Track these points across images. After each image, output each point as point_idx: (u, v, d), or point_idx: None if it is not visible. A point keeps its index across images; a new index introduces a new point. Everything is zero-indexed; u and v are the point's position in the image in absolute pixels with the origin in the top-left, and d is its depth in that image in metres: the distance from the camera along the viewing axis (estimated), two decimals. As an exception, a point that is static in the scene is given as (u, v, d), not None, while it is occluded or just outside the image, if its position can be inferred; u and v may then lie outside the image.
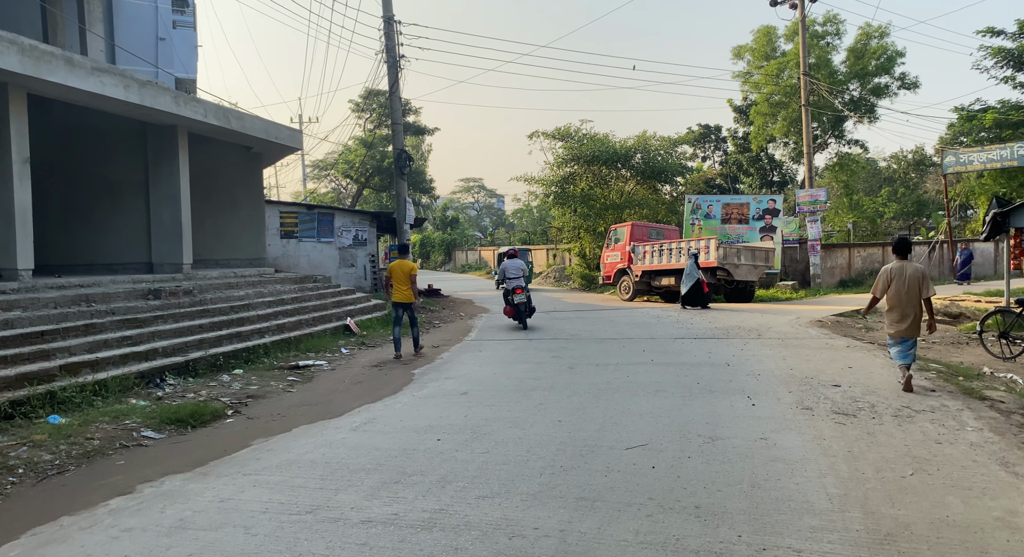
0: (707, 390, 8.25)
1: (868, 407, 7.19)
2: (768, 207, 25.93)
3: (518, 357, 11.18)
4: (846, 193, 43.65)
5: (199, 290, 11.57)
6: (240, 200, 16.19)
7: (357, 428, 6.76)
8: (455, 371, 9.98)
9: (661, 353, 11.32)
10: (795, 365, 9.93)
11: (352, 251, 22.04)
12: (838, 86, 38.03)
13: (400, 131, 21.64)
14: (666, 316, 17.51)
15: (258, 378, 9.36)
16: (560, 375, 9.42)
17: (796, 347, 11.79)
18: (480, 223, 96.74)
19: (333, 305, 14.39)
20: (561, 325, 15.80)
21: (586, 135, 30.14)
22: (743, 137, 47.67)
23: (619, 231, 24.66)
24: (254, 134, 13.82)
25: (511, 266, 15.67)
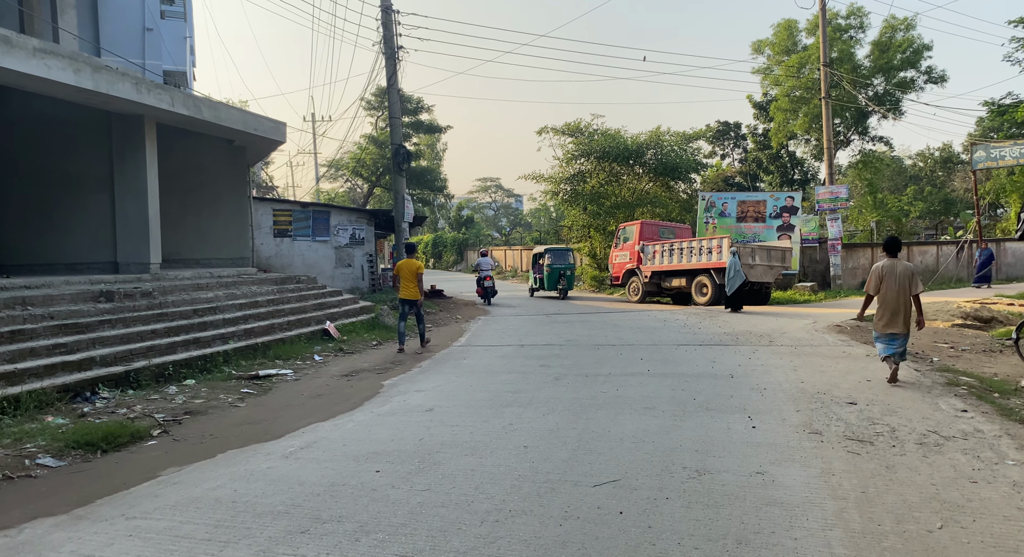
0: (703, 407, 7.26)
1: (888, 432, 6.17)
2: (786, 204, 24.76)
3: (503, 366, 10.24)
4: (870, 191, 42.26)
5: (161, 292, 10.75)
6: (223, 197, 15.40)
7: (291, 454, 5.86)
8: (429, 382, 9.07)
9: (660, 362, 10.33)
10: (807, 377, 8.90)
11: (349, 250, 21.21)
12: (862, 81, 36.74)
13: (398, 125, 20.79)
14: (673, 320, 16.48)
15: (208, 390, 8.50)
16: (543, 388, 8.47)
17: (809, 356, 10.74)
18: (497, 223, 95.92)
19: (314, 308, 13.53)
20: (559, 329, 14.83)
21: (597, 130, 29.12)
22: (763, 134, 46.41)
23: (628, 230, 23.63)
24: (231, 125, 12.99)
25: (483, 262, 23.21)
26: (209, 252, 15.33)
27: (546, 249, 24.07)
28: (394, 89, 20.75)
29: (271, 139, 14.44)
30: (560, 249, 24.67)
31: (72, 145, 12.76)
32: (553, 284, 23.47)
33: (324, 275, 20.87)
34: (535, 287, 24.74)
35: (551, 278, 23.44)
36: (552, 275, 23.39)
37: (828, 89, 26.05)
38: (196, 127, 13.02)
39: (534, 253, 25.28)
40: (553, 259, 23.76)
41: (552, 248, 24.35)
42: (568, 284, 23.64)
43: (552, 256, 23.80)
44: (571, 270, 24.10)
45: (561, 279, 23.39)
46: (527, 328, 15.32)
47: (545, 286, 23.76)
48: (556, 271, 23.42)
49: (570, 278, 23.81)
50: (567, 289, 23.54)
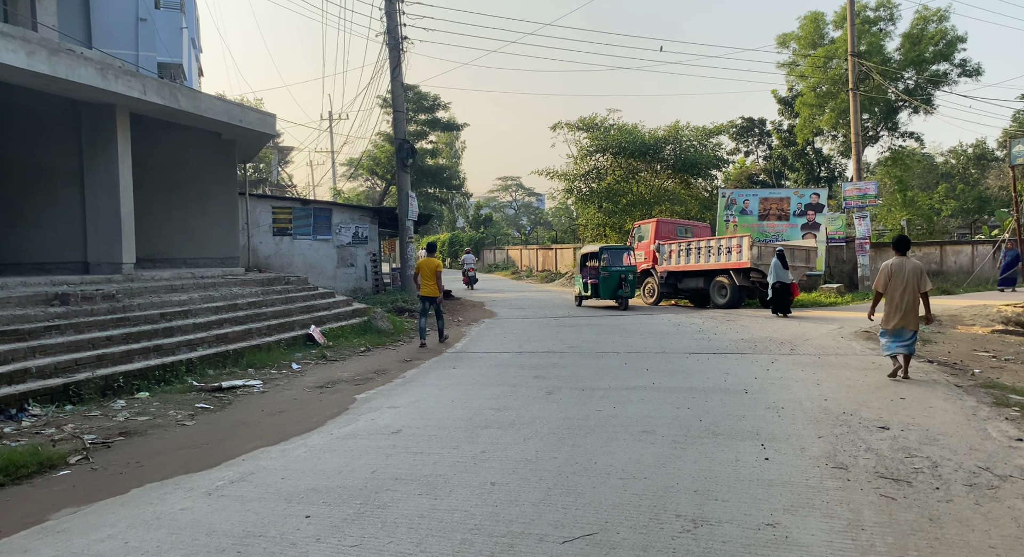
0: (710, 432, 6.28)
1: (928, 468, 5.15)
2: (811, 202, 23.56)
3: (493, 377, 9.31)
4: (899, 189, 40.73)
5: (127, 294, 9.97)
6: (211, 193, 14.63)
7: (216, 490, 4.98)
8: (406, 396, 8.16)
9: (667, 374, 9.34)
10: (831, 393, 7.87)
11: (351, 250, 20.41)
12: (893, 73, 35.35)
13: (402, 119, 19.97)
14: (688, 323, 15.44)
15: (160, 405, 7.67)
16: (531, 405, 7.53)
17: (835, 367, 9.68)
18: (518, 222, 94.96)
19: (300, 311, 12.70)
20: (564, 334, 13.87)
21: (613, 125, 28.09)
22: (788, 130, 45.04)
23: (643, 228, 22.60)
24: (213, 116, 12.20)
25: (467, 259, 26.38)
26: (196, 251, 14.57)
27: (602, 248, 19.88)
28: (398, 81, 19.91)
29: (260, 132, 13.64)
30: (619, 248, 20.47)
31: (40, 137, 12.03)
32: (611, 291, 19.39)
33: (326, 275, 20.10)
34: (584, 294, 20.44)
35: (609, 284, 19.32)
36: (610, 280, 19.28)
37: (856, 80, 24.78)
38: (176, 118, 12.25)
39: (583, 253, 20.89)
40: (611, 260, 19.65)
41: (610, 247, 20.18)
42: (630, 291, 19.64)
43: (610, 256, 19.72)
44: (633, 274, 19.82)
45: (622, 285, 19.31)
46: (530, 332, 14.38)
47: (600, 293, 19.61)
48: (616, 275, 19.27)
49: (632, 283, 19.72)
50: (628, 297, 19.63)
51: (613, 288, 19.31)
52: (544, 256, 40.57)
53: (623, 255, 19.91)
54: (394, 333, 13.78)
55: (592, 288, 19.88)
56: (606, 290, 19.38)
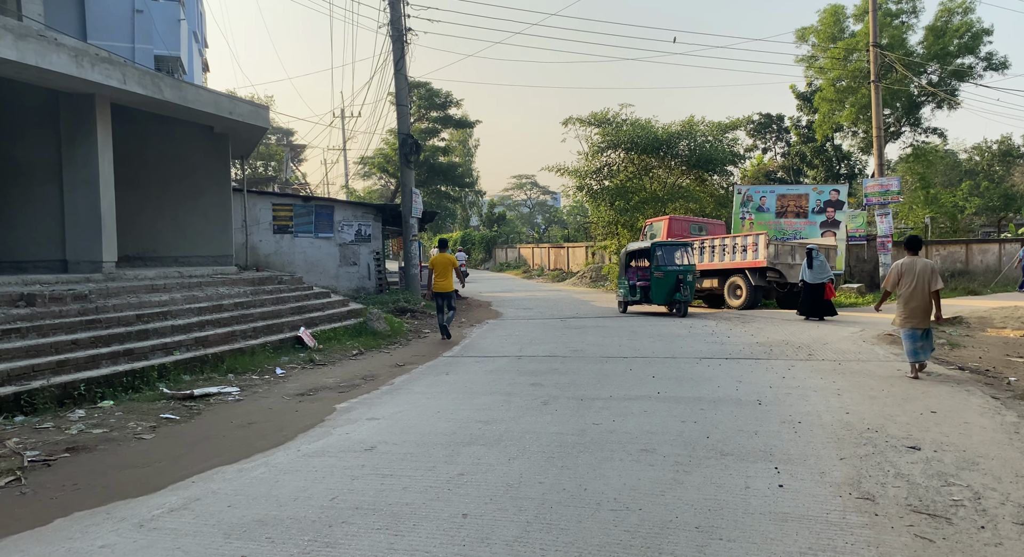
0: (717, 451, 5.61)
1: (970, 500, 4.45)
2: (830, 199, 22.71)
3: (487, 385, 8.67)
4: (922, 186, 39.65)
5: (103, 294, 9.42)
6: (204, 188, 14.10)
7: (150, 521, 4.38)
8: (390, 406, 7.54)
9: (674, 381, 8.66)
10: (853, 406, 7.17)
11: (354, 248, 19.84)
12: (916, 67, 34.36)
13: (406, 113, 19.36)
14: (701, 325, 14.73)
15: (123, 414, 7.10)
16: (523, 417, 6.89)
17: (856, 375, 8.96)
18: (533, 220, 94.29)
19: (291, 312, 12.12)
20: (568, 337, 13.21)
21: (626, 120, 27.33)
22: (807, 126, 44.06)
23: (655, 226, 21.87)
24: (200, 108, 11.64)
25: (459, 256, 22.89)
26: (188, 249, 14.05)
27: (654, 244, 17.17)
28: (402, 74, 19.31)
29: (252, 125, 13.08)
30: (674, 244, 17.74)
31: (17, 129, 11.53)
32: (665, 295, 16.70)
33: (328, 274, 19.56)
34: (629, 299, 17.92)
35: (663, 286, 16.63)
36: (665, 282, 16.60)
37: (878, 72, 23.87)
38: (162, 110, 11.72)
39: (627, 251, 18.32)
40: (665, 258, 17.00)
41: (664, 243, 17.59)
42: (689, 294, 16.84)
43: (664, 254, 17.07)
44: (692, 274, 16.93)
45: (680, 287, 16.48)
46: (534, 335, 13.74)
47: (652, 297, 17.03)
48: (672, 276, 16.56)
49: (691, 286, 16.87)
50: (687, 301, 16.77)
51: (668, 291, 16.65)
52: (556, 255, 39.89)
53: (680, 252, 17.47)
54: (391, 335, 13.18)
55: (641, 292, 17.40)
56: (659, 294, 16.77)
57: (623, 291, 18.14)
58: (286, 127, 56.31)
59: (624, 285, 18.10)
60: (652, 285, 16.87)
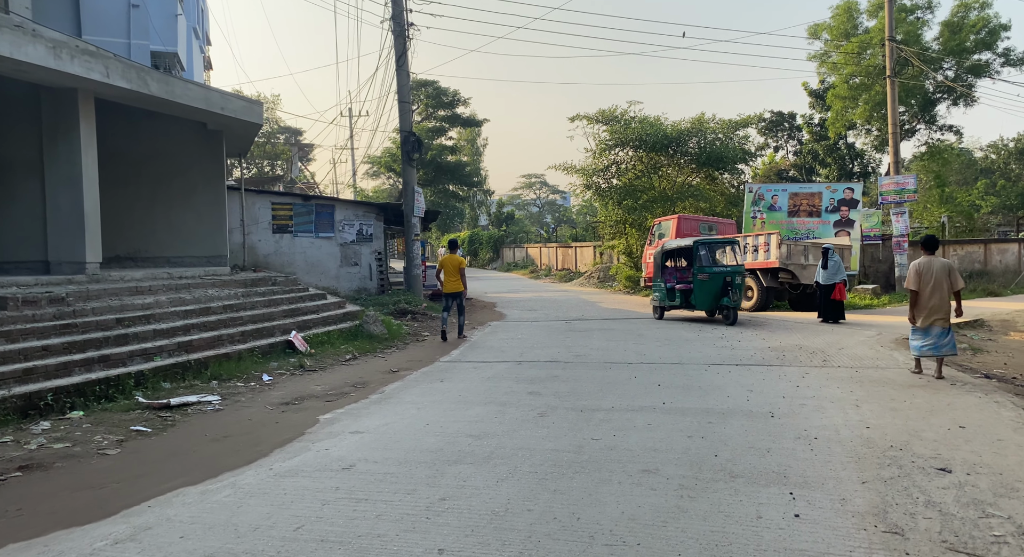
0: (727, 472, 5.12)
1: (1014, 535, 3.94)
2: (844, 197, 22.11)
3: (482, 393, 8.19)
4: (937, 185, 38.90)
5: (82, 297, 9.00)
6: (197, 187, 13.70)
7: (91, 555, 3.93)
8: (376, 418, 7.07)
9: (682, 390, 8.15)
10: (873, 419, 6.65)
11: (355, 248, 19.41)
12: (931, 63, 33.69)
13: (408, 110, 18.92)
14: (710, 329, 14.20)
15: (91, 427, 6.67)
16: (518, 431, 6.41)
17: (876, 383, 8.42)
18: (542, 220, 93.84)
19: (284, 314, 11.67)
20: (573, 341, 12.71)
21: (634, 117, 26.80)
22: (819, 124, 43.38)
23: (663, 225, 21.34)
24: (188, 103, 11.21)
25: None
26: (181, 249, 13.65)
27: (697, 242, 14.98)
28: (404, 71, 18.88)
29: (246, 121, 12.65)
30: (720, 241, 15.80)
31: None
32: (710, 300, 14.73)
33: (328, 275, 19.14)
34: (667, 304, 15.93)
35: (707, 290, 14.62)
36: (710, 285, 14.58)
37: (894, 67, 23.24)
38: (149, 105, 11.30)
39: (662, 250, 16.37)
40: (710, 258, 15.01)
41: (707, 241, 15.39)
42: (738, 298, 14.71)
43: (708, 253, 15.04)
44: (741, 276, 14.88)
45: (728, 291, 14.46)
46: (536, 338, 13.25)
47: (694, 302, 15.03)
48: (718, 279, 14.56)
49: (740, 289, 14.84)
50: (736, 306, 14.68)
51: (714, 296, 14.62)
52: (563, 255, 39.38)
53: (726, 250, 15.65)
54: (388, 338, 12.73)
55: (681, 296, 15.44)
56: (703, 298, 14.77)
57: (659, 295, 16.24)
58: (295, 127, 56.06)
59: (660, 288, 16.18)
60: (695, 288, 14.83)
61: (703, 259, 14.77)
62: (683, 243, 15.92)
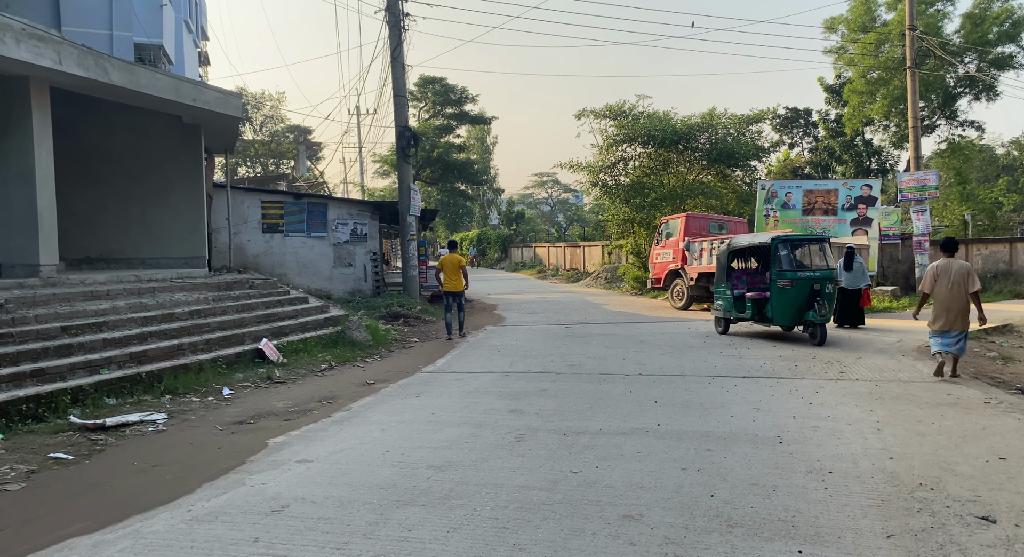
0: (723, 518, 4.28)
1: (1082, 621, 3.08)
2: (862, 194, 21.11)
3: (458, 411, 7.38)
4: (958, 182, 37.72)
5: (27, 303, 8.28)
6: (174, 184, 12.98)
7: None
8: (332, 442, 6.28)
9: (680, 408, 7.31)
10: (897, 447, 5.78)
11: (349, 248, 18.66)
12: (953, 56, 32.59)
13: (404, 104, 18.12)
14: (716, 336, 13.32)
15: (4, 454, 5.91)
16: (487, 460, 5.61)
17: (898, 400, 7.54)
18: (554, 219, 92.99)
19: (257, 320, 10.91)
20: (570, 348, 11.89)
21: (643, 112, 25.87)
22: (836, 120, 42.29)
23: (671, 224, 20.42)
24: (156, 93, 10.47)
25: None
26: (156, 250, 12.94)
27: (775, 239, 12.14)
28: (399, 63, 18.08)
29: (222, 114, 11.90)
30: (805, 239, 13.08)
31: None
32: (792, 313, 11.89)
33: (321, 276, 18.41)
34: (732, 315, 12.98)
35: (789, 301, 11.78)
36: (794, 295, 11.73)
37: (915, 57, 22.18)
38: (112, 95, 10.58)
39: (728, 248, 13.41)
40: (791, 259, 12.03)
41: (788, 237, 12.43)
42: (827, 311, 11.68)
43: (790, 253, 12.09)
44: (832, 283, 12.10)
45: (815, 303, 11.59)
46: (531, 344, 12.43)
47: (772, 314, 12.08)
48: (804, 287, 11.69)
49: (831, 298, 12.03)
50: (825, 321, 11.60)
51: (798, 308, 11.73)
52: (572, 254, 38.49)
53: (815, 250, 12.70)
54: (372, 345, 11.94)
55: (753, 307, 12.38)
56: (783, 310, 11.83)
57: (723, 304, 13.12)
58: (304, 126, 55.44)
59: (725, 295, 13.02)
60: (772, 298, 11.91)
61: (783, 262, 11.87)
62: (756, 240, 12.98)
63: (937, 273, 8.62)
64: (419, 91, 49.10)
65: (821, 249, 12.69)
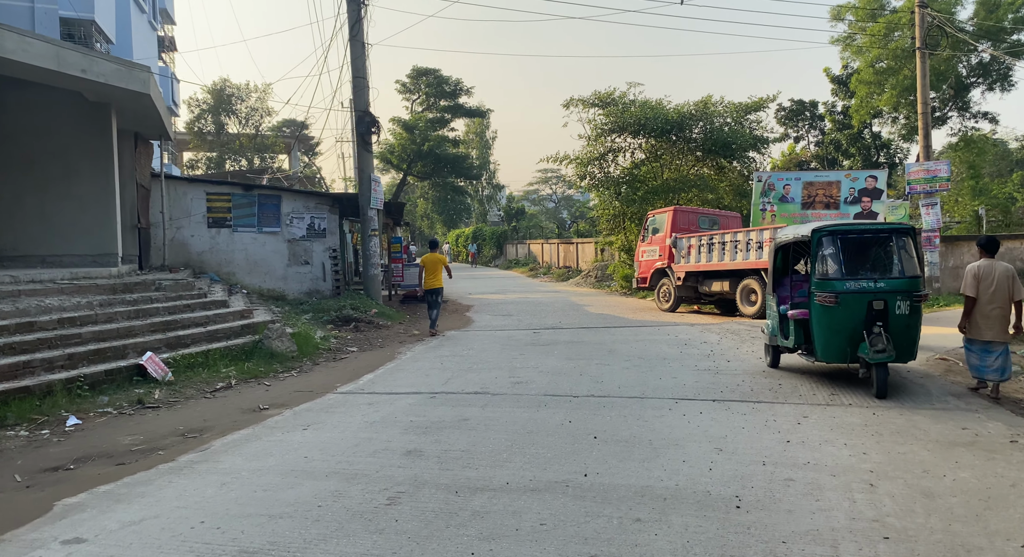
0: None
1: None
2: (866, 186, 19.42)
3: (341, 453, 5.84)
4: (971, 176, 35.99)
5: None
6: (79, 171, 11.49)
7: None
8: (135, 508, 4.74)
9: (622, 448, 5.75)
10: (895, 517, 4.23)
11: (306, 244, 17.14)
12: (965, 46, 30.93)
13: (363, 86, 16.57)
14: (699, 342, 11.76)
15: None
16: (330, 539, 4.10)
17: (900, 437, 5.95)
18: (558, 215, 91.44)
19: (151, 329, 9.37)
20: (525, 359, 10.34)
21: (634, 101, 24.27)
22: (842, 112, 40.58)
23: (658, 219, 18.81)
24: (29, 61, 8.93)
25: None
26: (59, 246, 11.46)
27: (819, 230, 8.07)
28: (358, 41, 16.54)
29: (128, 90, 10.39)
30: (865, 229, 8.70)
31: None
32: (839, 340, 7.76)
33: (274, 275, 16.91)
34: (781, 343, 8.97)
35: (834, 323, 7.74)
36: (843, 315, 7.67)
37: (924, 37, 20.44)
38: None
39: (775, 245, 9.43)
40: (838, 260, 7.91)
41: (836, 228, 8.11)
42: (908, 339, 7.67)
43: (836, 251, 7.95)
44: (911, 297, 7.64)
45: (872, 328, 7.49)
46: (485, 355, 10.89)
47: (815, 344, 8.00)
48: (857, 304, 7.62)
49: (907, 321, 7.62)
50: (884, 359, 7.38)
51: (848, 334, 7.67)
52: (565, 251, 36.88)
53: (883, 246, 8.22)
54: (295, 357, 10.40)
55: (797, 330, 8.46)
56: (827, 338, 7.84)
57: (771, 325, 9.23)
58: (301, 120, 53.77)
59: (772, 311, 9.23)
60: (812, 320, 7.98)
61: (827, 264, 7.94)
62: (800, 232, 8.78)
63: (979, 275, 7.59)
64: (411, 83, 47.54)
65: (893, 245, 8.05)
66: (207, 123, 42.29)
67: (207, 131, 42.25)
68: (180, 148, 45.35)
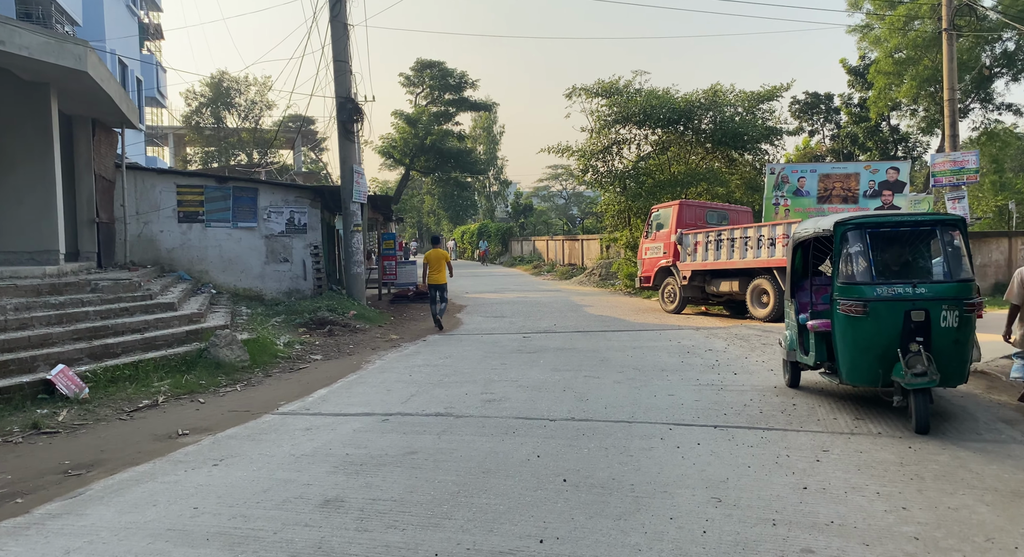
0: None
1: None
2: (887, 179, 18.09)
3: (239, 504, 4.68)
4: (993, 170, 34.50)
5: None
6: (14, 160, 10.37)
7: None
8: None
9: (596, 497, 4.56)
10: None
11: (285, 241, 15.99)
12: (990, 33, 29.52)
13: (345, 71, 15.41)
14: (704, 349, 10.53)
15: None
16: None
17: (947, 483, 4.71)
18: (568, 212, 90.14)
19: (74, 336, 8.25)
20: (505, 371, 9.16)
21: (639, 90, 22.97)
22: (859, 104, 39.09)
23: (662, 214, 17.54)
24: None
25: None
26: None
27: (843, 223, 6.59)
28: (339, 22, 15.38)
29: (57, 65, 9.25)
30: (901, 221, 6.67)
31: None
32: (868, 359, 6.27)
33: (251, 273, 15.79)
34: (802, 359, 7.48)
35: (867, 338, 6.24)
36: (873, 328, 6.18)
37: (952, 16, 18.99)
38: None
39: (794, 241, 7.97)
40: (866, 258, 6.35)
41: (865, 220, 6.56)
42: (927, 365, 5.85)
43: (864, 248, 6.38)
44: (953, 307, 6.04)
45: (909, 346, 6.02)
46: (460, 365, 9.72)
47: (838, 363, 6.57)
48: (894, 312, 6.11)
49: (947, 339, 6.03)
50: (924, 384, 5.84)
51: (880, 352, 6.19)
52: (570, 248, 35.64)
53: (924, 244, 6.96)
54: (245, 367, 9.26)
55: (819, 344, 7.10)
56: (852, 355, 6.40)
57: (789, 336, 7.89)
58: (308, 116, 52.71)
59: (792, 324, 7.87)
60: (835, 333, 6.65)
61: (855, 262, 6.45)
62: (820, 225, 7.23)
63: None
64: (415, 76, 46.35)
65: (938, 240, 6.61)
66: (205, 117, 41.28)
67: (205, 125, 41.25)
68: (180, 143, 44.45)
